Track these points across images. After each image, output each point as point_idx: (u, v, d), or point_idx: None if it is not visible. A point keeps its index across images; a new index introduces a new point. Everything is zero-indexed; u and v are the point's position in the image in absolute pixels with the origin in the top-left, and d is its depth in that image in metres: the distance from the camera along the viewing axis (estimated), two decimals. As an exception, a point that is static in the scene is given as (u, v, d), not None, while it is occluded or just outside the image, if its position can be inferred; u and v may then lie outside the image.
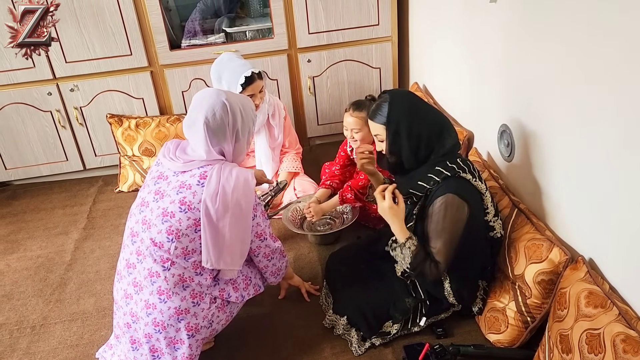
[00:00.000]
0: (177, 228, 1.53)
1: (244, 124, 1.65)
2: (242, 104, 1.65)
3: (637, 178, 1.30)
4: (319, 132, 3.28)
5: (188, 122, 1.62)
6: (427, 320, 1.82)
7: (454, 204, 1.61)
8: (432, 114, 1.70)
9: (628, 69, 1.28)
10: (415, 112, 1.67)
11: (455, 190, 1.62)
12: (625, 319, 1.30)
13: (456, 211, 1.62)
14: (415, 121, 1.65)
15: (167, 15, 2.92)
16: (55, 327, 2.07)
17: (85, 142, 3.09)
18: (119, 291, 1.66)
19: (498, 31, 1.96)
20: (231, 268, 1.63)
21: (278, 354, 1.84)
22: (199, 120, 1.58)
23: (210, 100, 1.59)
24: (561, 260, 1.57)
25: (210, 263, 1.57)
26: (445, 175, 1.63)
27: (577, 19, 1.46)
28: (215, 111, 1.58)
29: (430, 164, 1.66)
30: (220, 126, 1.59)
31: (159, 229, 1.54)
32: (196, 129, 1.59)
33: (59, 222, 2.79)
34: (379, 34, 3.03)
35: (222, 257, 1.59)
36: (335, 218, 2.45)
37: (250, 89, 2.37)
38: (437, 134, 1.66)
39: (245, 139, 1.68)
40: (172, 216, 1.53)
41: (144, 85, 2.98)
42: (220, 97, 1.60)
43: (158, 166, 1.67)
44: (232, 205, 1.56)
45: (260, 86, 2.40)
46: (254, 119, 1.70)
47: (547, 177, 1.75)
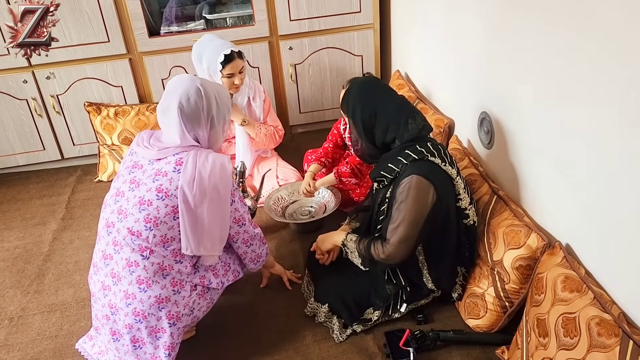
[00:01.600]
0: (155, 216, 1.52)
1: (219, 111, 1.63)
2: (218, 91, 1.64)
3: (612, 165, 1.32)
4: (301, 121, 3.27)
5: (162, 108, 1.60)
6: (407, 307, 1.83)
7: (419, 185, 1.64)
8: (391, 101, 1.73)
9: (603, 58, 1.29)
10: (370, 100, 1.71)
11: (421, 172, 1.64)
12: (600, 303, 1.32)
13: (420, 192, 1.64)
14: (368, 109, 1.70)
15: (145, 2, 2.87)
16: (34, 318, 2.04)
17: (63, 130, 3.03)
18: (96, 283, 1.64)
19: (478, 20, 1.97)
20: (211, 254, 1.63)
21: (260, 342, 1.85)
22: (173, 104, 1.56)
23: (184, 86, 1.58)
24: (539, 246, 1.59)
25: (190, 250, 1.56)
26: (413, 158, 1.66)
27: (556, 9, 1.46)
28: (189, 96, 1.56)
29: (400, 147, 1.70)
30: (194, 111, 1.57)
31: (136, 218, 1.52)
32: (170, 114, 1.57)
33: (37, 213, 2.75)
34: (361, 22, 3.01)
35: (201, 243, 1.58)
36: (317, 206, 2.45)
37: (229, 67, 2.34)
38: (397, 121, 1.69)
39: (220, 126, 1.66)
40: (149, 204, 1.52)
41: (122, 72, 2.93)
42: (195, 82, 1.59)
43: (132, 155, 1.65)
44: (210, 191, 1.55)
45: (240, 66, 2.38)
46: (229, 106, 1.68)
47: (525, 164, 1.77)
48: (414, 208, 1.64)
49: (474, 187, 1.95)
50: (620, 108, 1.26)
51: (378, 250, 1.69)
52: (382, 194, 1.79)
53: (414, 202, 1.64)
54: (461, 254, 1.82)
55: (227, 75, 2.36)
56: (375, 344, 1.78)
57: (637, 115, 1.21)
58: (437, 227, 1.72)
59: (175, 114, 1.56)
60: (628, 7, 1.19)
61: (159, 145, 1.59)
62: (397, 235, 1.66)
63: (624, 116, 1.25)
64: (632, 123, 1.23)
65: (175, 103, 1.56)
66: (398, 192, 1.67)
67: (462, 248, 1.81)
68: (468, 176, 1.99)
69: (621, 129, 1.27)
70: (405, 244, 1.67)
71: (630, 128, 1.24)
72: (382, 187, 1.80)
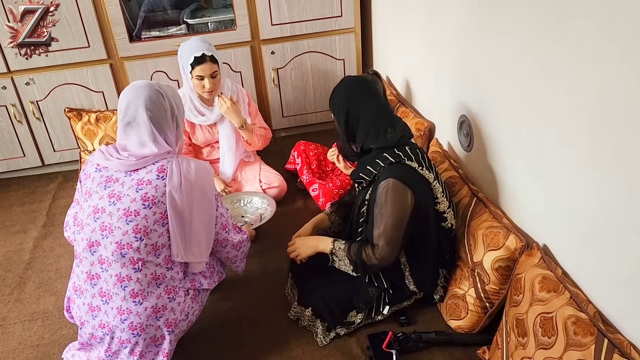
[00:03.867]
0: (144, 225, 1.50)
1: (179, 109, 1.65)
2: (172, 91, 1.66)
3: (587, 168, 1.35)
4: (284, 124, 3.28)
5: (127, 120, 1.56)
6: (390, 309, 1.85)
7: (396, 188, 1.66)
8: (374, 108, 1.74)
9: (580, 63, 1.32)
10: (355, 103, 1.74)
11: (397, 176, 1.67)
12: (576, 302, 1.35)
13: (398, 195, 1.66)
14: (352, 112, 1.74)
15: (126, 6, 2.86)
16: (15, 327, 2.02)
17: (43, 137, 3.00)
18: (81, 307, 1.60)
19: (457, 24, 1.99)
20: (199, 260, 1.63)
21: (244, 347, 1.85)
22: (141, 113, 1.54)
23: (145, 92, 1.56)
24: (517, 247, 1.62)
25: (180, 256, 1.56)
26: (390, 162, 1.69)
27: (533, 13, 1.49)
28: (153, 100, 1.55)
29: (379, 151, 1.72)
30: (162, 114, 1.57)
31: (124, 230, 1.50)
32: (138, 124, 1.55)
33: (17, 220, 2.71)
34: (342, 26, 3.03)
35: (190, 250, 1.58)
36: (253, 216, 2.42)
37: (199, 69, 2.33)
38: (376, 129, 1.72)
39: (181, 125, 1.67)
40: (136, 214, 1.50)
41: (103, 78, 2.91)
42: (153, 86, 1.59)
43: (100, 172, 1.58)
44: (196, 195, 1.56)
45: (211, 69, 2.35)
46: (183, 106, 1.71)
47: (503, 166, 1.80)
48: (394, 210, 1.66)
49: (454, 190, 1.97)
50: (593, 110, 1.29)
51: (370, 255, 1.71)
52: (362, 195, 1.81)
53: (394, 205, 1.66)
54: (442, 256, 1.84)
55: (198, 77, 2.36)
56: (358, 347, 1.79)
57: (609, 117, 1.24)
58: (417, 230, 1.74)
59: (145, 122, 1.54)
60: (600, 11, 1.22)
61: (137, 155, 1.56)
62: (383, 239, 1.68)
63: (596, 118, 1.28)
64: (604, 125, 1.26)
65: (142, 111, 1.54)
66: (377, 196, 1.69)
67: (443, 250, 1.83)
68: (448, 179, 2.02)
69: (594, 131, 1.30)
70: (392, 247, 1.70)
71: (602, 130, 1.27)
72: (362, 188, 1.82)
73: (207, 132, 2.58)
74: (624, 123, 1.19)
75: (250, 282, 2.13)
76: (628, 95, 1.16)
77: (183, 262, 1.60)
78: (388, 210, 1.66)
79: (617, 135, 1.22)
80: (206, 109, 2.50)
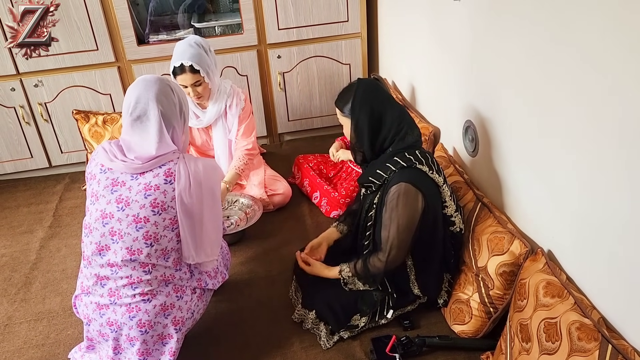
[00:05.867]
0: (154, 232, 1.51)
1: (186, 105, 1.65)
2: (178, 85, 1.67)
3: (592, 173, 1.35)
4: (290, 128, 3.29)
5: (137, 114, 1.52)
6: (394, 313, 1.85)
7: (408, 192, 1.66)
8: (396, 108, 1.74)
9: (585, 68, 1.32)
10: (379, 103, 1.72)
11: (409, 180, 1.67)
12: (581, 308, 1.35)
13: (409, 199, 1.67)
14: (377, 111, 1.71)
15: (134, 10, 2.88)
16: (21, 327, 2.03)
17: (51, 138, 3.02)
18: (89, 305, 1.60)
19: (463, 29, 2.00)
20: (211, 259, 1.64)
21: (248, 349, 1.85)
22: (152, 108, 1.52)
23: (155, 86, 1.54)
24: (521, 252, 1.62)
25: (192, 258, 1.58)
26: (402, 166, 1.69)
27: (538, 17, 1.50)
28: (164, 94, 1.54)
29: (390, 154, 1.72)
30: (172, 108, 1.57)
31: (134, 237, 1.50)
32: (149, 117, 1.52)
33: (24, 221, 2.73)
34: (349, 30, 3.04)
35: (202, 249, 1.59)
36: (238, 217, 2.42)
37: (180, 79, 2.28)
38: (399, 129, 1.71)
39: (187, 121, 1.67)
40: (146, 221, 1.50)
41: (111, 80, 2.93)
42: (163, 80, 1.58)
43: (105, 173, 1.56)
44: (206, 195, 1.56)
45: (192, 79, 2.26)
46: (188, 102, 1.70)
47: (508, 171, 1.80)
48: (405, 214, 1.67)
49: (459, 195, 1.98)
50: (598, 116, 1.29)
51: (375, 262, 1.72)
52: (370, 199, 1.81)
53: (405, 209, 1.66)
54: (447, 260, 1.84)
55: (182, 85, 2.30)
56: (362, 350, 1.79)
57: (615, 123, 1.24)
58: (425, 234, 1.74)
59: (155, 116, 1.52)
60: (605, 16, 1.23)
61: (141, 157, 1.53)
62: (392, 242, 1.69)
63: (602, 124, 1.28)
64: (610, 131, 1.26)
65: (153, 105, 1.52)
66: (388, 200, 1.69)
67: (447, 254, 1.83)
68: (453, 183, 2.02)
69: (599, 136, 1.30)
70: (401, 249, 1.71)
71: (608, 135, 1.27)
72: (370, 192, 1.82)
73: (204, 133, 2.59)
74: (630, 129, 1.19)
75: (254, 284, 2.14)
76: (634, 101, 1.17)
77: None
78: (399, 214, 1.67)
79: (623, 141, 1.22)
80: (200, 111, 2.49)
